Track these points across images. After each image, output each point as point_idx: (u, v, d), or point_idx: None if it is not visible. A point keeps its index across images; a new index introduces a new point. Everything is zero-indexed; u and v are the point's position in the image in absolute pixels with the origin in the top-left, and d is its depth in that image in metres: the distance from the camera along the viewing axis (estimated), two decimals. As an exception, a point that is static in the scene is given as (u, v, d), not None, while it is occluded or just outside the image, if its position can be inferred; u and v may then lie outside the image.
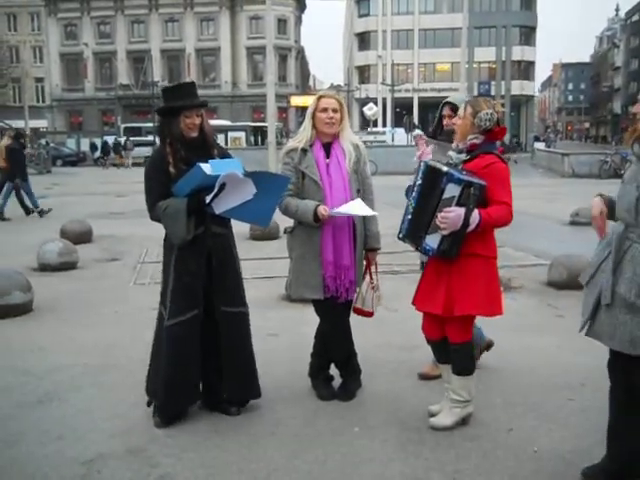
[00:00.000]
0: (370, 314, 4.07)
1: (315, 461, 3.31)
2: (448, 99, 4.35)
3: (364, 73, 63.94)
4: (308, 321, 5.21)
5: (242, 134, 43.68)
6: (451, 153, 3.56)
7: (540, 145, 46.59)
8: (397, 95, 56.33)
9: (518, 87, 58.40)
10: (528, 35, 61.24)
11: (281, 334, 5.46)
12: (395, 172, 21.03)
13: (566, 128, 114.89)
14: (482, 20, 54.56)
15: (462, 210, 3.27)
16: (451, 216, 3.26)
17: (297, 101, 56.80)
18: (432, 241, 3.39)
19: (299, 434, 3.61)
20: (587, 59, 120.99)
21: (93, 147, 42.80)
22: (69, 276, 7.77)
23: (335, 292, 3.85)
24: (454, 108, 4.15)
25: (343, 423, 3.73)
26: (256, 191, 3.53)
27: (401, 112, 58.21)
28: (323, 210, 3.69)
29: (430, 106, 63.74)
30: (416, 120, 56.88)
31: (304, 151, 3.84)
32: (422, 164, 3.50)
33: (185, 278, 3.63)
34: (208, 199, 3.47)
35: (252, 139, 44.01)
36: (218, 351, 3.77)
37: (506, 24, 57.26)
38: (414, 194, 3.47)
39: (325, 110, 3.81)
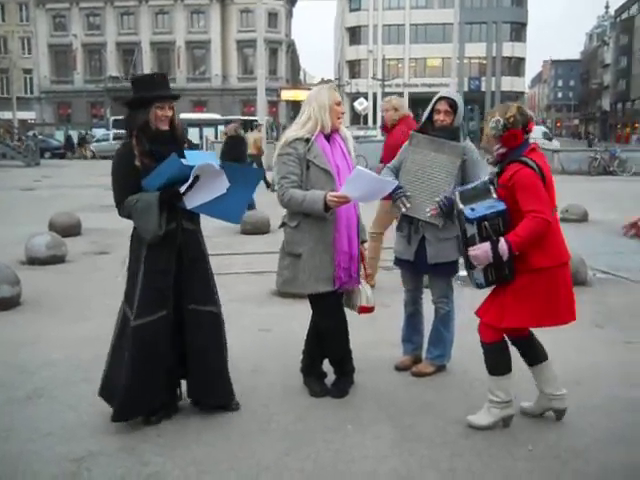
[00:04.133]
0: (373, 309, 4.02)
1: (307, 458, 3.28)
2: (444, 94, 4.22)
3: (355, 68, 63.84)
4: (300, 316, 5.16)
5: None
6: (488, 167, 3.57)
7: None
8: (388, 90, 56.02)
9: (508, 83, 58.49)
10: (518, 31, 61.36)
11: (273, 329, 5.42)
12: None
13: (555, 125, 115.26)
14: (473, 16, 54.56)
15: (486, 245, 3.29)
16: (478, 254, 3.31)
17: (288, 95, 56.59)
18: (479, 275, 3.44)
19: (291, 431, 3.57)
20: (577, 56, 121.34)
21: (69, 140, 43.24)
22: (58, 269, 7.68)
23: (342, 283, 3.79)
24: (452, 103, 4.08)
25: (336, 420, 3.70)
26: (229, 185, 3.45)
27: (392, 107, 58.12)
28: (330, 197, 3.56)
29: (421, 101, 63.47)
30: (406, 115, 56.82)
31: (307, 141, 3.74)
32: (452, 195, 3.58)
33: (155, 276, 3.50)
34: (183, 189, 3.37)
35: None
36: (188, 349, 3.66)
37: (497, 20, 57.33)
38: (459, 229, 3.56)
39: (340, 104, 3.80)
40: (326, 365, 4.16)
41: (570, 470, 3.18)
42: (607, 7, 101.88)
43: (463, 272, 4.47)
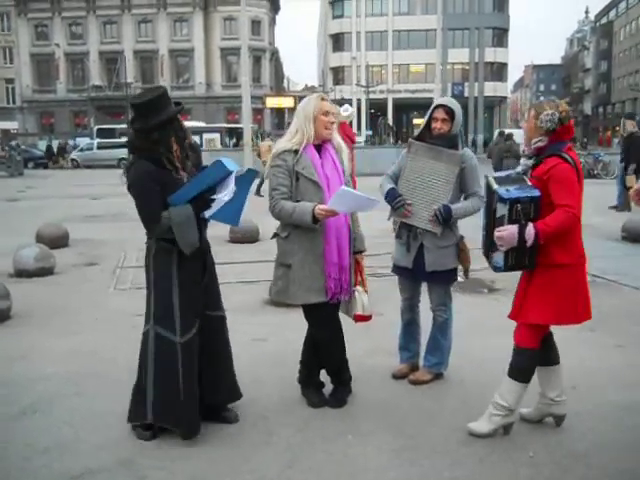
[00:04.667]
0: (370, 318, 4.03)
1: (310, 470, 3.25)
2: (441, 101, 4.23)
3: (339, 74, 64.07)
4: (294, 326, 5.14)
5: (217, 135, 43.38)
6: (522, 160, 3.57)
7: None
8: (372, 96, 56.54)
9: (491, 88, 58.84)
10: (500, 37, 61.90)
11: (268, 339, 5.39)
12: (372, 173, 21.05)
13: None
14: (455, 22, 54.89)
15: (512, 227, 3.28)
16: (504, 235, 3.29)
17: (272, 102, 56.67)
18: (499, 258, 3.42)
19: (292, 443, 3.55)
20: (558, 61, 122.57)
21: (49, 149, 43.44)
22: (47, 282, 7.60)
23: (334, 294, 3.79)
24: (449, 111, 4.09)
25: (336, 431, 3.68)
26: (235, 189, 3.46)
27: (376, 113, 58.43)
28: (319, 210, 3.57)
29: (404, 107, 64.20)
30: (390, 121, 57.15)
31: (296, 152, 3.75)
32: (485, 179, 3.52)
33: (192, 289, 3.51)
34: (226, 197, 3.39)
35: (227, 140, 43.76)
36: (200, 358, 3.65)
37: (479, 26, 57.68)
38: (484, 211, 3.54)
39: (327, 114, 3.74)
40: (323, 375, 4.15)
41: (572, 476, 3.18)
42: (587, 12, 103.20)
43: (459, 278, 4.49)
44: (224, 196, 3.40)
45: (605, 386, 4.28)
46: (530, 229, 3.25)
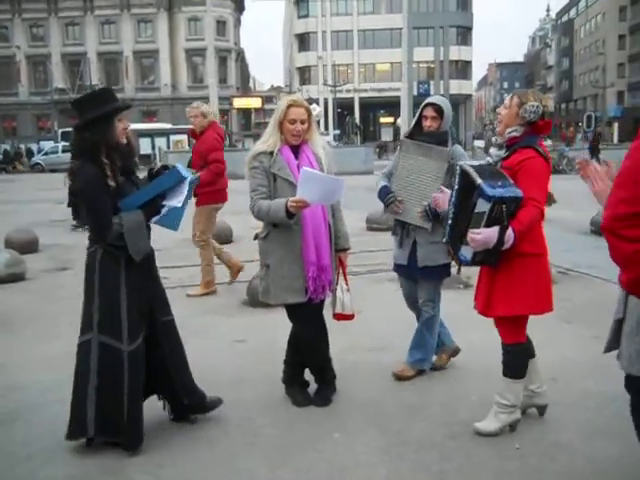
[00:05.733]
0: (352, 317, 4.05)
1: (299, 470, 3.24)
2: (431, 100, 4.24)
3: (305, 74, 64.07)
4: (274, 325, 5.14)
5: (184, 137, 43.07)
6: (492, 150, 3.56)
7: (479, 143, 47.53)
8: (338, 95, 56.62)
9: (456, 86, 59.44)
10: (464, 35, 62.56)
11: (248, 340, 5.37)
12: (341, 172, 21.13)
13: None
14: (420, 20, 55.27)
15: (491, 231, 3.15)
16: (479, 238, 3.16)
17: (240, 103, 56.43)
18: (467, 252, 3.32)
19: (279, 443, 3.54)
20: (521, 59, 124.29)
21: (6, 154, 42.79)
22: (19, 288, 7.46)
23: (314, 293, 3.79)
24: (438, 109, 4.11)
25: (322, 429, 3.68)
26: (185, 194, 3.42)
27: (343, 112, 58.55)
28: (290, 202, 3.53)
29: (371, 106, 64.50)
30: (357, 120, 57.31)
31: (272, 154, 3.76)
32: (458, 168, 3.38)
33: (139, 296, 3.41)
34: (180, 203, 3.35)
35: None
36: (162, 362, 3.59)
37: (443, 24, 58.25)
38: (453, 199, 3.39)
39: (294, 122, 3.73)
40: (307, 374, 4.15)
41: (558, 465, 3.23)
42: (548, 10, 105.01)
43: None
44: (178, 203, 3.36)
45: (585, 377, 4.35)
46: (510, 233, 3.18)
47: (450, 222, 3.41)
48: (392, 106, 53.64)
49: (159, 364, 3.59)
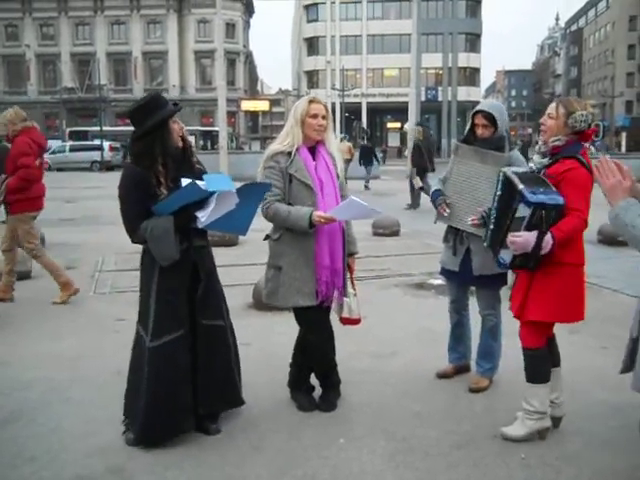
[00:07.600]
0: (358, 321, 4.02)
1: (304, 476, 3.22)
2: (480, 107, 4.14)
3: (313, 78, 64.13)
4: (279, 329, 5.13)
5: (192, 138, 43.31)
6: (535, 157, 3.52)
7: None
8: (346, 100, 56.64)
9: (464, 93, 59.43)
10: (473, 42, 62.53)
11: (253, 343, 5.33)
12: (348, 177, 21.12)
13: (509, 133, 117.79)
14: (429, 26, 55.38)
15: (531, 235, 3.18)
16: (518, 241, 3.20)
17: (248, 105, 56.51)
18: (506, 256, 3.36)
19: (284, 448, 3.51)
20: (529, 66, 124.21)
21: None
22: (24, 286, 7.44)
23: (326, 297, 3.77)
24: (488, 116, 4.04)
25: (328, 435, 3.66)
26: (239, 201, 3.42)
27: (350, 117, 58.58)
28: (317, 217, 3.56)
29: (378, 111, 64.55)
30: (365, 125, 57.33)
31: (290, 154, 3.73)
32: (501, 174, 3.42)
33: (168, 297, 3.44)
34: (203, 217, 3.31)
35: (202, 143, 43.60)
36: (194, 366, 3.57)
37: (452, 31, 58.27)
38: (495, 204, 3.44)
39: (315, 116, 3.72)
40: (312, 379, 4.13)
41: (565, 477, 3.20)
42: (557, 19, 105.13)
43: (437, 281, 4.48)
44: (202, 217, 3.33)
45: (592, 387, 4.33)
46: (548, 238, 3.18)
47: (492, 227, 3.47)
48: (400, 111, 53.59)
49: (192, 367, 3.57)
